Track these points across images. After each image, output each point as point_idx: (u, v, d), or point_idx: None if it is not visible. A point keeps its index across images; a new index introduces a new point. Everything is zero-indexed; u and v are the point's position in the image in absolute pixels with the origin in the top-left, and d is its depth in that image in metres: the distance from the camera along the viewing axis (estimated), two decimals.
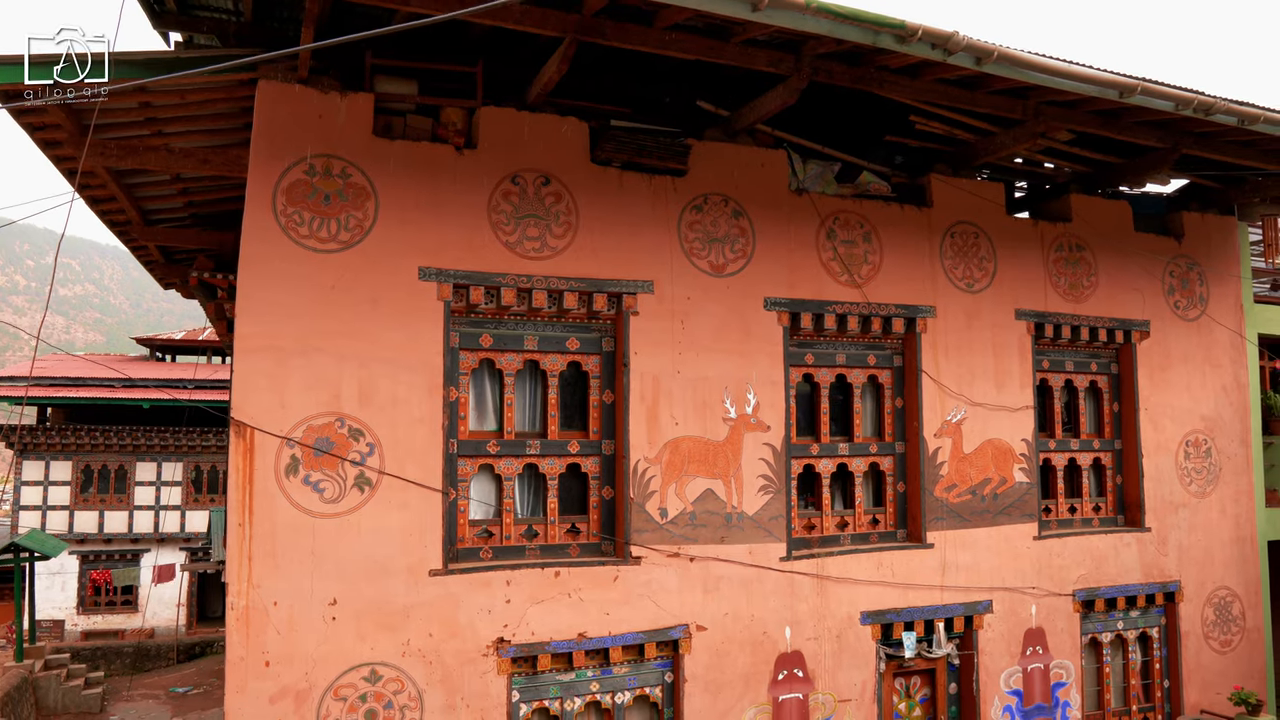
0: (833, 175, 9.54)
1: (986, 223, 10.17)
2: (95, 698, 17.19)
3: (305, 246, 7.38)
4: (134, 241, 11.87)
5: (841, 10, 6.90)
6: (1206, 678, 11.11)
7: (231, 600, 7.12)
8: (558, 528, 8.26)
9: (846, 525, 9.47)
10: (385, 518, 7.43)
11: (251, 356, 7.23)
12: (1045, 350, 10.70)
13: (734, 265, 8.74)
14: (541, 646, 7.79)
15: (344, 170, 7.50)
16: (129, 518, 23.34)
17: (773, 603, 8.66)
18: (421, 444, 7.58)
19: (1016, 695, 9.90)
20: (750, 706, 8.52)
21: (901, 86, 8.35)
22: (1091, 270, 10.84)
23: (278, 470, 7.21)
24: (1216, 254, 11.90)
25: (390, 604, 7.40)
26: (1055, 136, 9.92)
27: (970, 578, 9.69)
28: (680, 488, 8.34)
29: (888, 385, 9.73)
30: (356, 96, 7.61)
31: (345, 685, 7.26)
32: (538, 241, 8.01)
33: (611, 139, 8.24)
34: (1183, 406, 11.38)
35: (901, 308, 9.54)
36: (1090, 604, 10.50)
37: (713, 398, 8.54)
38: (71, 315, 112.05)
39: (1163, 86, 8.51)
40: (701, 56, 7.58)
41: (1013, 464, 10.06)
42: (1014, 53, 7.71)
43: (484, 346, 8.07)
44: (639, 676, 8.26)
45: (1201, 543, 11.30)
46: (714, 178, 8.75)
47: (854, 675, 9.02)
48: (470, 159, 7.89)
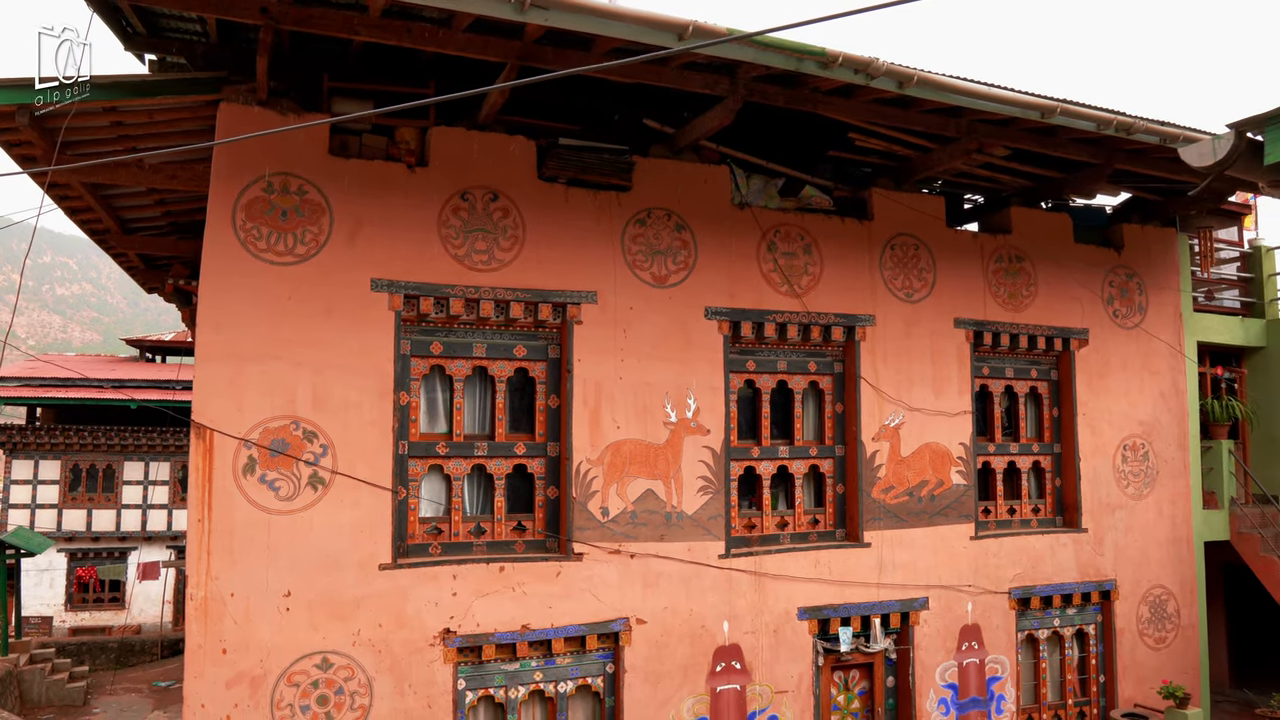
0: (776, 190, 9.99)
1: (927, 235, 10.62)
2: (79, 691, 17.63)
3: (263, 260, 7.83)
4: (113, 249, 12.31)
5: (763, 39, 7.37)
6: (1141, 673, 11.56)
7: (191, 591, 7.56)
8: (505, 525, 8.70)
9: (787, 525, 9.91)
10: (337, 515, 7.87)
11: (211, 363, 7.67)
12: (985, 357, 11.14)
13: (676, 276, 9.19)
14: (486, 637, 8.23)
15: (300, 188, 7.94)
16: (116, 516, 23.79)
17: (711, 598, 9.10)
18: (372, 445, 8.03)
19: (952, 689, 10.34)
20: (689, 696, 8.96)
21: (836, 106, 8.80)
22: (1031, 280, 11.29)
23: (236, 470, 7.65)
24: (1157, 264, 12.35)
25: (341, 596, 7.84)
26: (992, 152, 10.35)
27: (907, 576, 10.13)
28: (621, 488, 8.79)
29: (828, 391, 10.17)
30: (313, 118, 8.05)
31: (298, 672, 7.70)
32: (486, 254, 8.46)
33: (557, 157, 8.69)
34: (1121, 412, 11.82)
35: (841, 317, 9.98)
36: (1026, 602, 10.95)
37: (654, 402, 8.98)
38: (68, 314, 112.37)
39: (1082, 108, 8.98)
40: (640, 79, 8.04)
41: (950, 467, 10.51)
42: (933, 77, 8.17)
43: (434, 353, 8.51)
44: (581, 667, 8.70)
45: (1138, 543, 11.75)
46: (658, 193, 9.20)
47: (791, 668, 9.46)
48: (422, 176, 8.33)
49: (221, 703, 7.50)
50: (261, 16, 6.87)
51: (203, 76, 8.02)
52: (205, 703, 7.47)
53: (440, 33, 7.31)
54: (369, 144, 8.44)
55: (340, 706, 7.80)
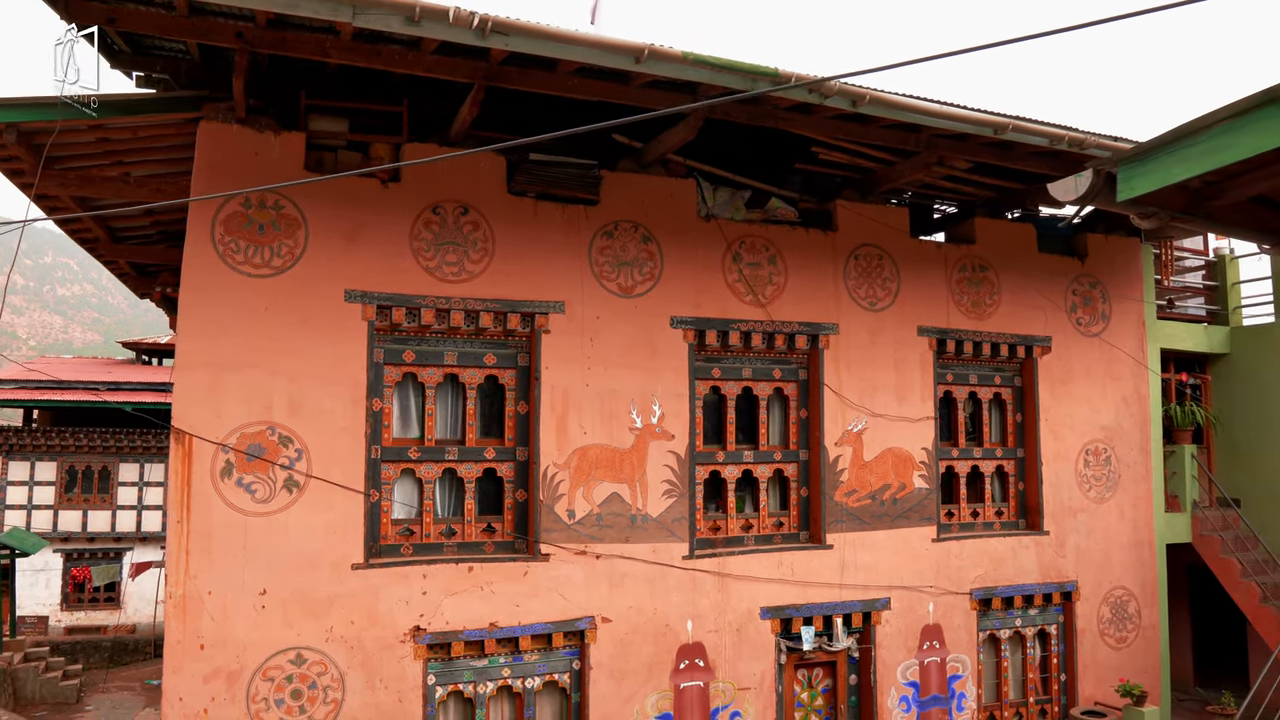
0: (742, 202, 10.31)
1: (891, 245, 10.94)
2: (72, 689, 17.96)
3: (241, 272, 8.16)
4: (104, 257, 12.64)
5: (717, 61, 7.69)
6: (1101, 672, 11.87)
7: (170, 590, 7.88)
8: (474, 527, 9.03)
9: (751, 527, 10.23)
10: (312, 516, 8.20)
11: (191, 371, 8.00)
12: (949, 364, 11.46)
13: (642, 287, 9.52)
14: (455, 635, 8.56)
15: (277, 202, 8.27)
16: (112, 517, 24.12)
17: (675, 598, 9.42)
18: (346, 450, 8.36)
19: (913, 686, 10.66)
20: (653, 693, 9.29)
21: (798, 122, 9.12)
22: (995, 289, 11.60)
23: (213, 473, 7.98)
24: (1120, 273, 12.66)
25: (315, 594, 8.17)
26: (954, 165, 10.67)
27: (869, 577, 10.45)
28: (588, 491, 9.11)
29: (793, 397, 10.49)
30: (289, 135, 8.39)
31: (273, 667, 8.02)
32: (456, 266, 8.79)
33: (526, 171, 9.02)
34: (1083, 417, 12.14)
35: (805, 325, 10.30)
36: (988, 602, 11.26)
37: (620, 409, 9.31)
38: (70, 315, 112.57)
39: (1034, 124, 9.30)
40: (604, 98, 8.35)
41: (913, 471, 10.82)
42: (886, 96, 8.49)
43: (407, 361, 8.84)
44: (548, 664, 9.03)
45: (1099, 545, 12.06)
46: (625, 206, 9.52)
47: (754, 665, 9.78)
48: (395, 191, 8.66)
49: (199, 696, 7.83)
50: (237, 41, 7.21)
51: (184, 95, 8.34)
52: (183, 696, 7.80)
53: (409, 55, 7.63)
54: (344, 160, 8.78)
55: (314, 700, 8.12)
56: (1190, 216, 4.41)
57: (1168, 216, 4.36)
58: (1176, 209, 4.33)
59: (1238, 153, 3.66)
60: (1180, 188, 4.20)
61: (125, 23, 6.88)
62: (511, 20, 6.98)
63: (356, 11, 6.63)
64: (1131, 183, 4.10)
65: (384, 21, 6.72)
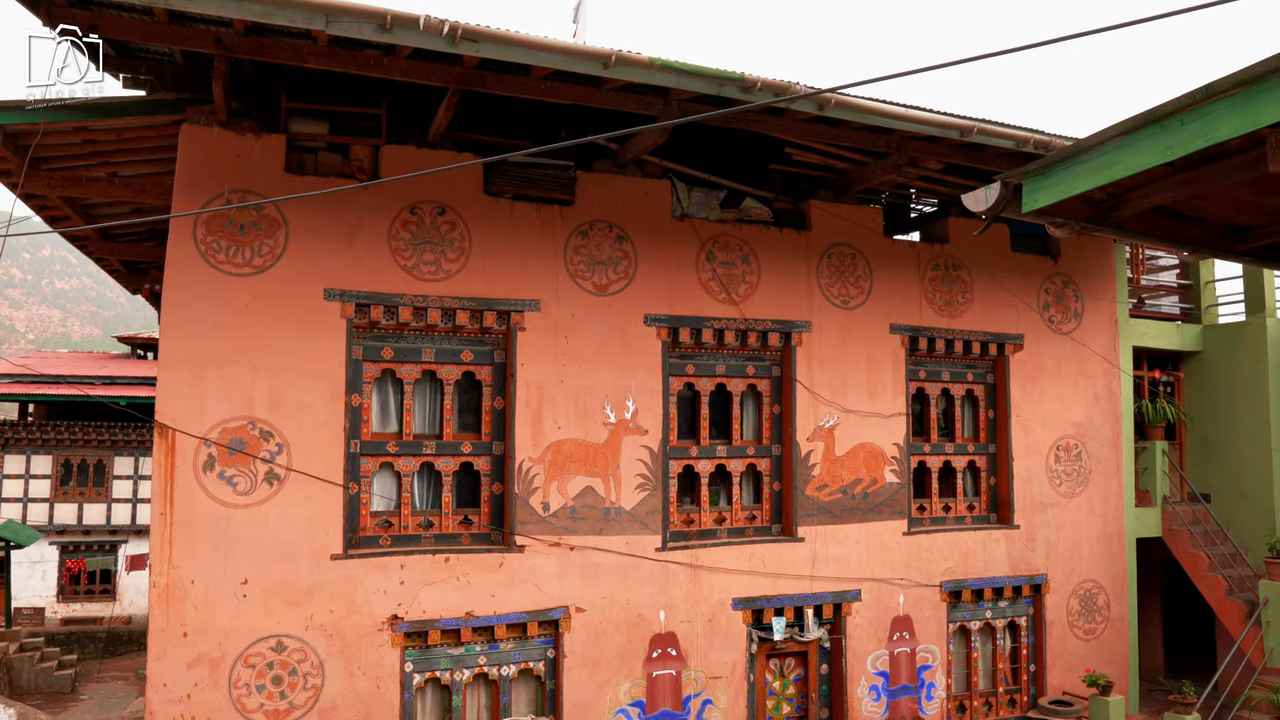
0: (717, 202, 10.54)
1: (864, 245, 11.17)
2: (67, 678, 18.24)
3: (222, 271, 8.39)
4: (94, 254, 12.87)
5: (684, 67, 7.91)
6: (1070, 663, 12.12)
7: (153, 579, 8.13)
8: (452, 519, 9.27)
9: (724, 520, 10.48)
10: (292, 508, 8.45)
11: (173, 367, 8.24)
12: (922, 361, 11.70)
13: (616, 285, 9.75)
14: (432, 623, 8.81)
15: (258, 202, 8.49)
16: (107, 510, 24.36)
17: (648, 589, 9.67)
18: (325, 444, 8.60)
19: (883, 676, 10.91)
20: (626, 680, 9.54)
21: (770, 125, 9.35)
22: (967, 288, 11.83)
23: (196, 467, 8.23)
24: (1093, 272, 12.90)
25: (295, 584, 8.42)
26: (927, 166, 10.90)
27: (840, 569, 10.70)
28: (562, 485, 9.36)
29: (766, 393, 10.73)
30: (270, 138, 8.61)
31: (254, 654, 8.27)
32: (433, 265, 9.02)
33: (503, 173, 9.25)
34: (1055, 414, 12.38)
35: (778, 323, 10.54)
36: (958, 594, 11.51)
37: (594, 404, 9.55)
38: (68, 309, 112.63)
39: (999, 127, 9.53)
40: (578, 101, 8.57)
41: (884, 466, 11.07)
42: (851, 100, 8.72)
43: (385, 358, 9.08)
44: (523, 652, 9.28)
45: (1069, 539, 12.31)
46: (600, 206, 9.75)
47: (725, 655, 10.03)
48: (373, 192, 8.89)
49: (182, 682, 8.09)
50: (216, 47, 7.43)
51: (167, 98, 8.56)
52: (167, 682, 8.06)
53: (385, 60, 7.86)
54: (325, 161, 9.01)
55: (294, 686, 8.37)
56: (1097, 226, 4.65)
57: (1077, 226, 4.61)
58: (1082, 219, 4.56)
59: (1124, 169, 3.89)
60: (1084, 199, 4.44)
61: (106, 29, 7.09)
62: (481, 28, 7.21)
63: (330, 20, 6.85)
64: (1034, 195, 4.33)
65: (356, 29, 6.94)
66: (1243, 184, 3.88)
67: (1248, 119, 3.33)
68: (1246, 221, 4.81)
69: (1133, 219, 4.64)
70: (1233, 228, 4.95)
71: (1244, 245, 4.97)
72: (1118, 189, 4.33)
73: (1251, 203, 4.42)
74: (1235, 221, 4.85)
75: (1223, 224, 4.92)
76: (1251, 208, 4.53)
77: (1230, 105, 3.37)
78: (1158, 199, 4.25)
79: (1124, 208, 4.42)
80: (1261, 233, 4.84)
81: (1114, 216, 4.55)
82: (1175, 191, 4.11)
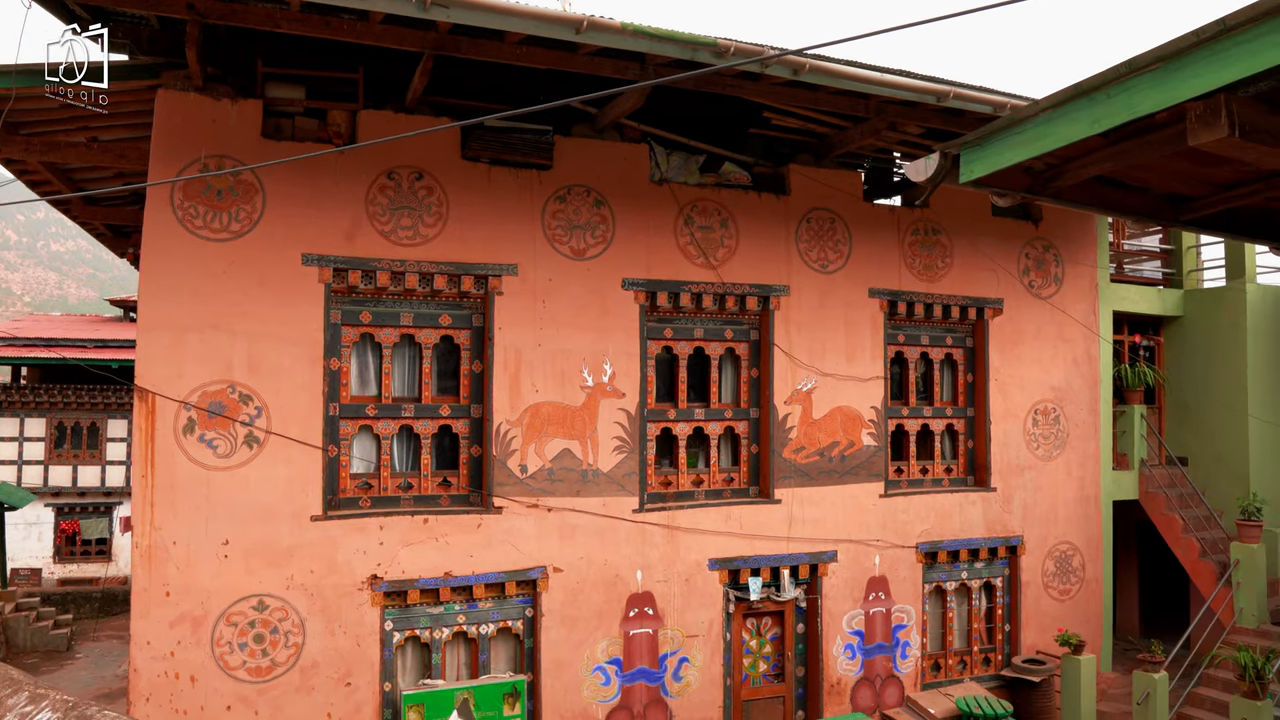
0: (696, 166, 10.56)
1: (843, 209, 11.21)
2: (62, 637, 18.50)
3: (200, 236, 8.45)
4: (78, 218, 12.90)
5: (656, 31, 7.92)
6: (1044, 622, 12.35)
7: (136, 540, 8.28)
8: (431, 481, 9.41)
9: (702, 483, 10.62)
10: (272, 470, 8.58)
11: (152, 332, 8.33)
12: (901, 326, 11.79)
13: (594, 250, 9.81)
14: (411, 583, 8.98)
15: (235, 168, 8.53)
16: (102, 472, 24.54)
17: (625, 549, 9.84)
18: (304, 407, 8.71)
19: (859, 635, 11.12)
20: (603, 639, 9.74)
21: (746, 89, 9.33)
22: (947, 252, 11.89)
23: (176, 430, 8.34)
24: (1074, 236, 12.95)
25: (276, 544, 8.57)
26: (907, 131, 10.90)
27: (816, 530, 10.86)
28: (540, 447, 9.49)
29: (744, 357, 10.84)
30: (246, 103, 8.63)
31: (236, 613, 8.45)
32: (411, 230, 9.08)
33: (480, 138, 9.27)
34: (1033, 378, 12.49)
35: (756, 287, 10.61)
36: (934, 555, 11.70)
37: (571, 368, 9.65)
38: (64, 271, 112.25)
39: (975, 91, 9.53)
40: (554, 66, 8.57)
41: (861, 429, 11.20)
42: (826, 65, 8.72)
43: (364, 322, 9.16)
44: (502, 611, 9.46)
45: (1046, 501, 12.48)
46: (578, 170, 9.79)
47: (702, 614, 10.23)
48: (350, 157, 8.92)
49: (166, 640, 8.26)
50: (188, 12, 7.42)
51: (143, 63, 8.56)
52: (151, 640, 8.23)
53: (358, 25, 7.85)
54: (302, 126, 9.02)
55: (275, 644, 8.55)
56: (1036, 195, 4.71)
57: (1017, 195, 4.67)
58: (1020, 189, 4.63)
59: (1055, 141, 3.95)
60: (1022, 170, 4.51)
61: None
62: None
63: None
64: (971, 166, 4.40)
65: None
66: (1180, 155, 3.95)
67: (1167, 93, 3.39)
68: (1190, 191, 4.89)
69: (1072, 189, 4.71)
70: (1177, 197, 5.02)
71: (1188, 214, 5.05)
72: (1056, 159, 4.40)
73: (1191, 173, 4.49)
74: (1179, 191, 4.93)
75: (1166, 194, 4.99)
76: (1192, 178, 4.60)
77: (1152, 80, 3.43)
78: (1094, 169, 4.31)
79: (1062, 178, 4.48)
80: (1204, 202, 4.92)
81: (1053, 186, 4.61)
82: (1111, 163, 4.18)
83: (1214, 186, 4.72)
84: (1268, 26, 2.98)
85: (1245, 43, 3.07)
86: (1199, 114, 3.37)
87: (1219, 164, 4.19)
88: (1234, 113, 3.29)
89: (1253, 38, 3.04)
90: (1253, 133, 3.35)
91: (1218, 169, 4.34)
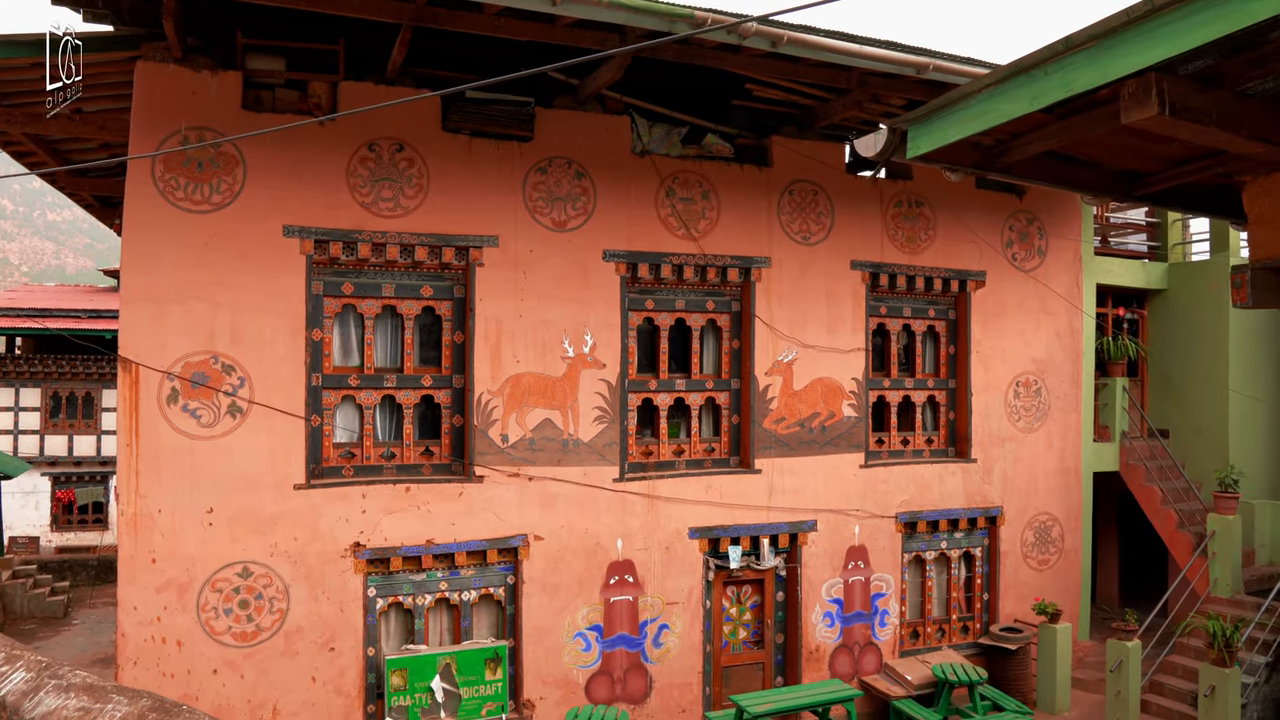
0: (679, 138, 10.59)
1: (826, 181, 11.25)
2: (59, 604, 18.76)
3: (181, 208, 8.51)
4: (65, 189, 12.93)
5: (633, 4, 7.94)
6: (1023, 592, 12.53)
7: (122, 508, 8.41)
8: (413, 450, 9.53)
9: (683, 453, 10.75)
10: (255, 440, 8.70)
11: (135, 303, 8.41)
12: (883, 297, 11.87)
13: (575, 221, 9.87)
14: (394, 550, 9.12)
15: (215, 140, 8.57)
16: (97, 441, 24.73)
17: (606, 518, 9.98)
18: (287, 378, 8.82)
19: (837, 603, 11.30)
20: (584, 606, 9.90)
21: (727, 60, 9.36)
22: (930, 224, 11.95)
23: (160, 400, 8.45)
24: (1058, 210, 12.99)
25: (260, 512, 8.71)
26: (889, 102, 10.93)
27: (796, 500, 11.00)
28: (521, 417, 9.60)
29: (726, 328, 10.93)
30: (226, 75, 8.66)
31: (221, 579, 8.60)
32: (391, 202, 9.14)
33: (460, 109, 9.30)
34: (1015, 350, 12.59)
35: (737, 259, 10.68)
36: (913, 525, 11.85)
37: (552, 339, 9.75)
38: (61, 241, 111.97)
39: (955, 64, 9.56)
40: (535, 38, 8.59)
41: (842, 400, 11.31)
42: (804, 37, 8.74)
43: (346, 293, 9.24)
44: (483, 578, 9.62)
45: (1026, 473, 12.62)
46: (559, 142, 9.83)
47: (682, 582, 10.39)
48: (331, 129, 8.96)
49: (152, 605, 8.41)
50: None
51: (123, 34, 8.58)
52: (138, 605, 8.38)
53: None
54: (283, 97, 9.05)
55: (260, 610, 8.71)
56: (986, 170, 4.78)
57: (966, 170, 4.74)
58: (969, 164, 4.69)
59: (997, 117, 4.01)
60: (970, 145, 4.58)
61: None
62: None
63: None
64: (917, 142, 4.46)
65: None
66: (1126, 131, 4.01)
67: (1100, 71, 3.45)
68: (1141, 167, 4.95)
69: (1022, 164, 4.77)
70: (1129, 173, 5.08)
71: (1141, 190, 5.11)
72: (1004, 135, 4.47)
73: (1141, 149, 4.56)
74: (1131, 167, 4.99)
75: (1118, 169, 5.05)
76: (1143, 154, 4.66)
77: (1087, 57, 3.48)
78: (1041, 145, 4.38)
79: (1011, 153, 4.55)
80: (1157, 178, 4.98)
81: (1002, 162, 4.68)
82: (1057, 139, 4.24)
83: (1165, 162, 4.79)
84: (1195, 6, 3.05)
85: (1172, 22, 3.13)
86: (1131, 92, 3.43)
87: (1167, 141, 4.26)
88: (1164, 91, 3.35)
89: (1180, 17, 3.10)
90: (1183, 111, 3.41)
91: (1167, 145, 4.41)
